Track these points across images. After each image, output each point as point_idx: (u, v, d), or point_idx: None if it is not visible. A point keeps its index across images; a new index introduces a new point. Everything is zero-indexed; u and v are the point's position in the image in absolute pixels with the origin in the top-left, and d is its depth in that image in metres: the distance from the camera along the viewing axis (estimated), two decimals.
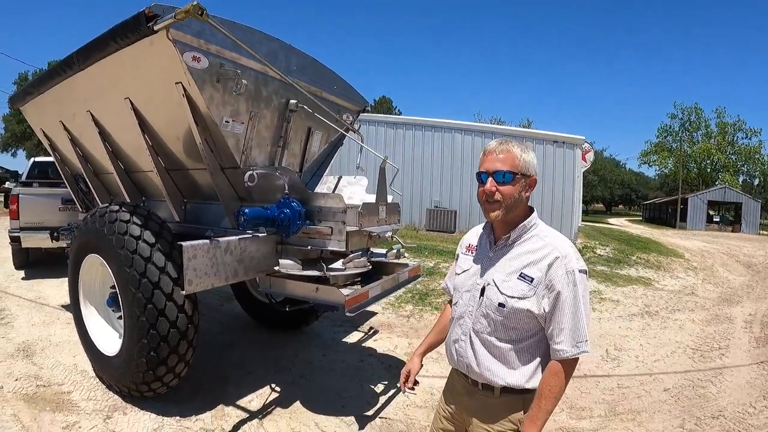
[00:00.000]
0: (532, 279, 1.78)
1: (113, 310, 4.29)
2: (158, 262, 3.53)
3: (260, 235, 3.76)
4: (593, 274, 10.57)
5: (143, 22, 3.20)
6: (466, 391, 2.01)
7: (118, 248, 3.61)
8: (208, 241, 3.32)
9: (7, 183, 15.68)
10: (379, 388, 4.53)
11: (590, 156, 17.13)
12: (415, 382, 2.27)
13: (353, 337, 5.99)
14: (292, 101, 4.27)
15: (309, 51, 4.46)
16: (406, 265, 4.54)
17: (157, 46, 3.34)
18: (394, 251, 4.51)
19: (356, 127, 5.39)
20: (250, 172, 3.71)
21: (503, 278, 1.85)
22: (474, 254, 2.06)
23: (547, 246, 1.81)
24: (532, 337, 1.84)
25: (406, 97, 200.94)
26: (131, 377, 3.72)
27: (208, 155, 3.83)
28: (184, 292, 3.25)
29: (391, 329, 6.38)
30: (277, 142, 4.37)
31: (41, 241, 8.36)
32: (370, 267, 4.01)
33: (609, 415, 4.26)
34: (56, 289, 7.95)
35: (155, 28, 3.14)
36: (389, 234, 4.33)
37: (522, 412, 1.85)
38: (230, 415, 3.93)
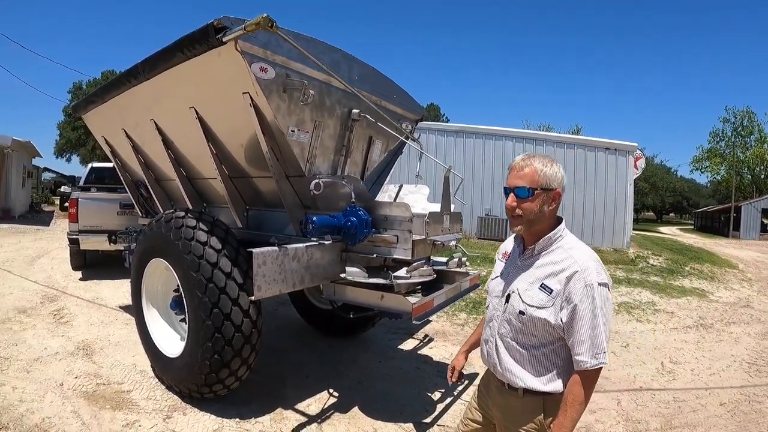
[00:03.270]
0: (552, 290, 1.86)
1: (176, 313, 4.39)
2: (225, 267, 3.61)
3: (326, 242, 3.79)
4: (647, 285, 10.37)
5: (212, 34, 3.25)
6: (497, 389, 2.11)
7: (185, 253, 3.70)
8: (276, 248, 3.36)
9: (63, 187, 16.26)
10: (436, 395, 4.51)
11: (641, 163, 16.74)
12: (460, 376, 2.51)
13: (408, 345, 5.98)
14: (355, 110, 4.31)
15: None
16: (467, 274, 4.50)
17: (225, 57, 3.39)
18: (456, 260, 4.50)
19: (416, 136, 5.39)
20: (317, 180, 3.74)
21: (526, 287, 1.94)
22: (507, 261, 2.18)
23: (568, 258, 1.87)
24: (551, 345, 1.91)
25: (452, 103, 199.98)
26: (193, 379, 3.79)
27: (274, 164, 3.88)
28: (253, 298, 3.29)
29: (446, 337, 6.35)
30: (339, 151, 4.40)
31: (99, 243, 8.66)
32: (435, 276, 4.01)
33: (665, 428, 4.17)
34: (113, 290, 8.20)
35: (224, 39, 3.19)
36: (453, 243, 4.33)
37: (542, 414, 1.93)
38: (289, 418, 3.96)
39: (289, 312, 6.68)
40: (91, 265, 9.95)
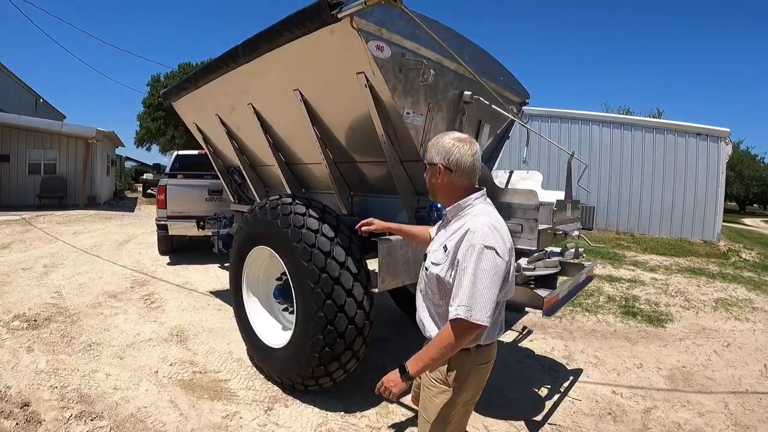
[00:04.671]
0: (447, 249, 2.03)
1: (279, 302, 4.30)
2: (338, 256, 3.46)
3: None
4: (741, 281, 9.72)
5: (325, 11, 3.07)
6: None
7: (295, 241, 3.57)
8: (400, 237, 3.18)
9: (145, 174, 16.84)
10: (543, 392, 4.29)
11: (729, 149, 15.58)
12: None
13: (508, 337, 5.71)
14: (467, 93, 4.06)
15: None
16: (582, 266, 4.21)
17: (339, 35, 3.21)
18: (572, 251, 4.21)
19: (525, 120, 5.11)
20: None
21: (435, 248, 2.14)
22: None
23: (465, 223, 2.02)
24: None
25: (530, 86, 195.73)
26: (300, 371, 3.68)
27: (388, 147, 3.69)
28: (376, 290, 3.14)
29: (545, 330, 6.07)
30: None
31: (187, 229, 8.85)
32: (560, 268, 3.75)
33: None
34: (202, 275, 8.30)
35: (339, 16, 3.01)
36: (576, 233, 4.05)
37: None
38: (395, 412, 3.80)
39: (385, 301, 6.51)
40: (177, 249, 10.19)
